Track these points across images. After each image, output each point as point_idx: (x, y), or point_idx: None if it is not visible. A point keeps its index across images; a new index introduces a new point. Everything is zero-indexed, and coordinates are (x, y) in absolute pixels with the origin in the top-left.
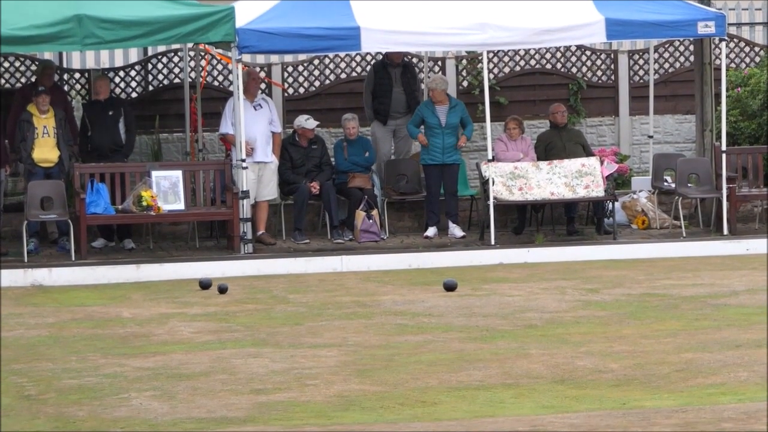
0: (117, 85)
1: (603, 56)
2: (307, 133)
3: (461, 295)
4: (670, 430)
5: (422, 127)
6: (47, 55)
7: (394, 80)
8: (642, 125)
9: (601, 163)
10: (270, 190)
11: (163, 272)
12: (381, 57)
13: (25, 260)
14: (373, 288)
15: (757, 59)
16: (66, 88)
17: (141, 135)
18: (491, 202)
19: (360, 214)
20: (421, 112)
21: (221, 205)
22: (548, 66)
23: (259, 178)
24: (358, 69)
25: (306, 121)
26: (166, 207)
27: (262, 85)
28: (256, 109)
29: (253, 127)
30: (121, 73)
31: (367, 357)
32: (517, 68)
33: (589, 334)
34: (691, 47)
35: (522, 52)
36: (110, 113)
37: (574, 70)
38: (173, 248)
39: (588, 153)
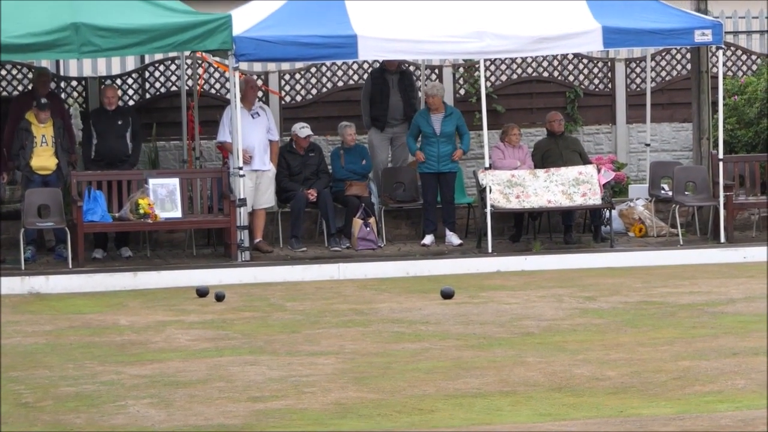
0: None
1: (600, 64)
2: (300, 142)
3: (458, 302)
4: None
5: (420, 137)
6: (44, 63)
7: (391, 86)
8: (639, 133)
9: (598, 171)
10: (267, 198)
11: (160, 280)
12: (378, 64)
13: (22, 268)
14: (370, 296)
15: (754, 67)
16: (63, 96)
17: None
18: (488, 209)
19: (357, 222)
20: (417, 121)
21: (218, 213)
22: (545, 74)
23: (256, 186)
24: (355, 77)
25: (300, 130)
26: (163, 215)
27: (259, 93)
28: (253, 117)
29: (251, 135)
30: (118, 81)
31: (364, 364)
32: (514, 76)
33: (586, 342)
34: (688, 55)
35: (519, 60)
36: (119, 122)
37: (571, 78)
38: (170, 256)
39: (585, 161)
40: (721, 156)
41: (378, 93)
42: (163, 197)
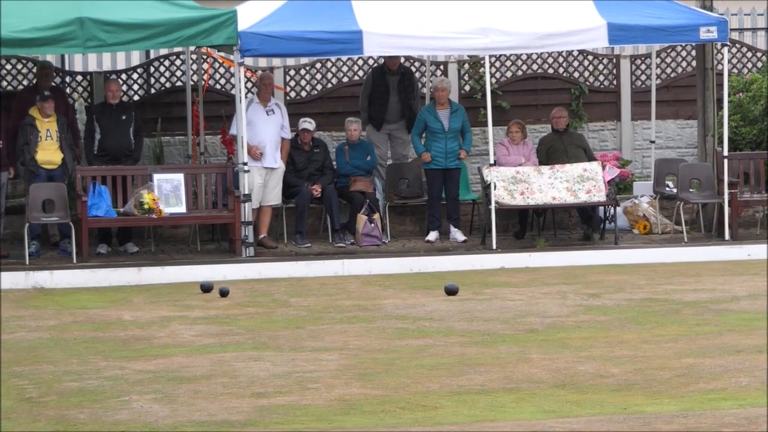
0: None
1: (605, 61)
2: (302, 136)
3: (462, 299)
4: None
5: (425, 133)
6: (49, 58)
7: (391, 88)
8: (644, 130)
9: (603, 167)
10: (275, 195)
11: (165, 275)
12: (380, 63)
13: (27, 263)
14: (374, 292)
15: (759, 65)
16: (68, 90)
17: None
18: (493, 206)
19: (361, 218)
20: (423, 117)
21: (223, 209)
22: (550, 70)
23: (265, 183)
24: (360, 73)
25: (301, 123)
26: (167, 210)
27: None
28: (268, 114)
29: (263, 131)
30: (123, 76)
31: (368, 361)
32: (519, 73)
33: (590, 339)
34: (693, 52)
35: (524, 57)
36: (123, 117)
37: (576, 74)
38: (175, 251)
39: (590, 157)
40: (725, 153)
41: (378, 93)
42: (168, 192)
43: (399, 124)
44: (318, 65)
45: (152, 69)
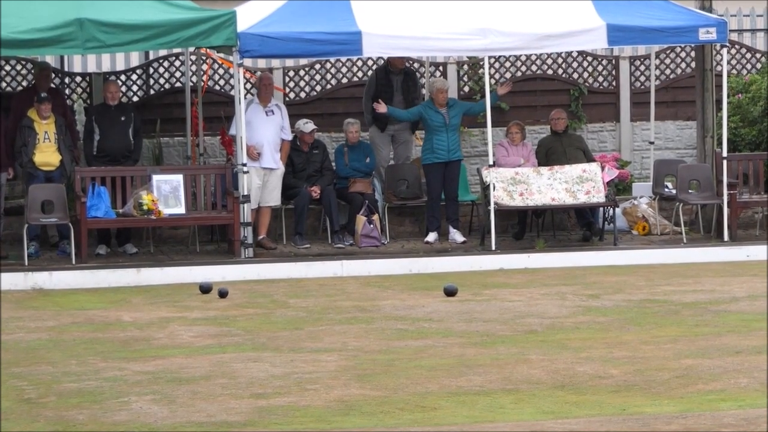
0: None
1: (604, 62)
2: (305, 138)
3: (461, 300)
4: None
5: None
6: (48, 59)
7: (395, 88)
8: (643, 131)
9: (602, 168)
10: (274, 196)
11: (164, 276)
12: (383, 63)
13: (26, 264)
14: (373, 293)
15: (758, 66)
16: (67, 91)
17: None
18: (492, 207)
19: (361, 219)
20: (424, 113)
21: (222, 210)
22: (549, 72)
23: (264, 184)
24: (360, 74)
25: (304, 125)
26: (166, 211)
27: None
28: (267, 115)
29: (262, 131)
30: (123, 77)
31: (367, 362)
32: (519, 74)
33: (589, 340)
34: (693, 53)
35: (523, 58)
36: (122, 118)
37: (575, 75)
38: (174, 252)
39: (589, 158)
40: (724, 154)
41: (381, 93)
42: (167, 193)
43: (403, 125)
44: (317, 66)
45: (151, 70)
